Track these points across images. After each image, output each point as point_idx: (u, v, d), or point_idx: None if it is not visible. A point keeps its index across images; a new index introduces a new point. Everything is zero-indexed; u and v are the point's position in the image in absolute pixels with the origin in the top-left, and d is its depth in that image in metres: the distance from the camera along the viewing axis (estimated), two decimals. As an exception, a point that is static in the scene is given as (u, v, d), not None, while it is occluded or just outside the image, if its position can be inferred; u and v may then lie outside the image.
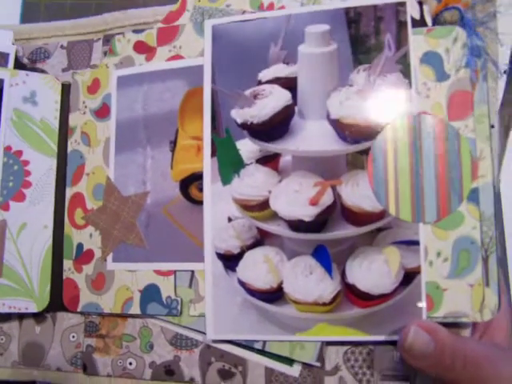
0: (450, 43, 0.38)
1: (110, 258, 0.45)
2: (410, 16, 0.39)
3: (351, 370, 0.39)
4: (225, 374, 0.41)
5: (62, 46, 0.50)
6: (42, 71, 0.49)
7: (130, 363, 0.43)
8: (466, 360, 0.35)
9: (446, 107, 0.38)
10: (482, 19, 0.39)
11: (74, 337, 0.46)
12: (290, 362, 0.40)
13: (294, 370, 0.40)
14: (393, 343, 0.38)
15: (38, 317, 0.47)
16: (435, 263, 0.37)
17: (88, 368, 0.45)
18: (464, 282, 0.36)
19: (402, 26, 0.39)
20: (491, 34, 0.39)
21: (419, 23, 0.40)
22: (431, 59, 0.38)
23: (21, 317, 0.47)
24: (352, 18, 0.40)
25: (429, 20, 0.40)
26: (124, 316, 0.44)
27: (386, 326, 0.37)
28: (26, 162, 0.46)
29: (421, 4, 0.40)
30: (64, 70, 0.49)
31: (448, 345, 0.35)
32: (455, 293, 0.37)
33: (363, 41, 0.40)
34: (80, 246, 0.46)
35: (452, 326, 0.37)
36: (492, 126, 0.38)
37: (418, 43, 0.39)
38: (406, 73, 0.38)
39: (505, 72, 0.39)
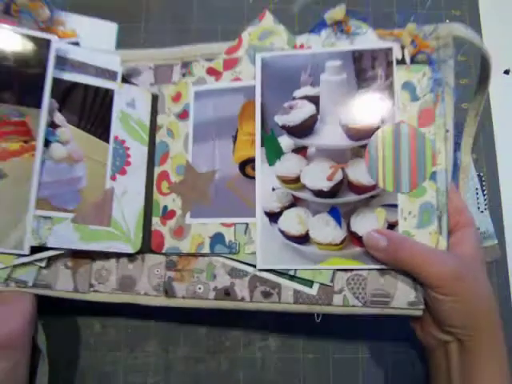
0: (421, 76, 0.51)
1: (187, 215, 0.55)
2: (395, 57, 0.51)
3: (351, 290, 0.51)
4: (266, 294, 0.52)
5: (149, 67, 0.60)
6: (135, 85, 0.59)
7: (200, 288, 0.53)
8: (412, 253, 0.46)
9: (416, 118, 0.50)
10: (443, 59, 0.51)
11: (157, 271, 0.55)
12: (311, 284, 0.51)
13: (313, 290, 0.51)
14: (381, 270, 0.50)
15: (131, 257, 0.57)
16: (408, 219, 0.50)
17: (168, 292, 0.54)
18: (426, 231, 0.49)
19: (389, 63, 0.51)
20: (449, 68, 0.51)
21: (401, 62, 0.51)
22: (408, 86, 0.51)
23: (118, 257, 0.57)
24: (356, 57, 0.52)
25: (408, 60, 0.51)
26: (195, 256, 0.54)
27: (376, 259, 0.50)
28: (128, 148, 0.57)
29: (403, 48, 0.52)
30: (151, 85, 0.60)
31: (400, 243, 0.47)
32: (420, 238, 0.49)
33: (364, 73, 0.52)
34: (165, 207, 0.57)
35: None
36: (447, 131, 0.50)
37: (400, 75, 0.51)
38: (391, 95, 0.51)
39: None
